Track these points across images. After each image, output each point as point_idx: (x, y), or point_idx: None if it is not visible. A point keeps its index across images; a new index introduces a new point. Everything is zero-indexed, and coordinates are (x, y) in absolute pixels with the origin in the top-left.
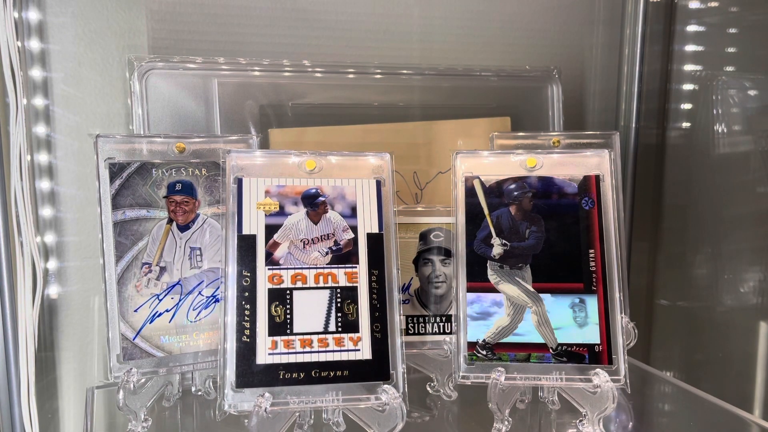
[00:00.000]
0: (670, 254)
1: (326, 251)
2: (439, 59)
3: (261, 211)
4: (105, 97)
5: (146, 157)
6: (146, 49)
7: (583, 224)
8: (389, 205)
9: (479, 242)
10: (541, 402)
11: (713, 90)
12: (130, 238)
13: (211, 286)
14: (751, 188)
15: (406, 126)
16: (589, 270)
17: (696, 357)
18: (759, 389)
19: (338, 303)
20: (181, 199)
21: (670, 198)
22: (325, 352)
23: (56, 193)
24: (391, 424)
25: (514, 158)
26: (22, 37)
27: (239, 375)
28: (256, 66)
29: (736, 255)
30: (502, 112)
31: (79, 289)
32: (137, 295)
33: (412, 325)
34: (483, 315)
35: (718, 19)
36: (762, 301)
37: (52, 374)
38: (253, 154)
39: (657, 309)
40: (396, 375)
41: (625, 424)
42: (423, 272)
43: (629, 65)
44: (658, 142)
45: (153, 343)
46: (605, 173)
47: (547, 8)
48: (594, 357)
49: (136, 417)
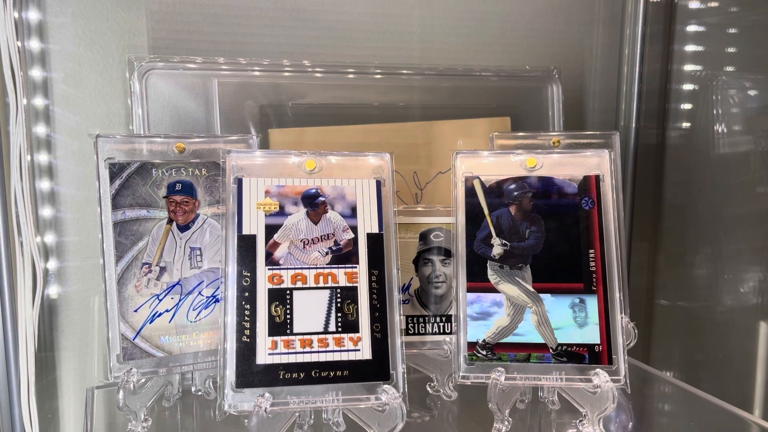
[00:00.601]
0: (670, 254)
1: (326, 251)
2: (439, 59)
3: (261, 211)
4: (105, 97)
5: (146, 157)
6: (146, 49)
7: (583, 224)
8: (389, 205)
9: (479, 242)
10: (541, 402)
11: (713, 90)
12: (130, 238)
13: (211, 286)
14: (751, 188)
15: (406, 126)
16: (589, 270)
17: (696, 357)
18: (759, 389)
19: (338, 303)
20: (181, 199)
21: (670, 198)
22: (325, 352)
23: (56, 193)
24: (391, 424)
25: (514, 158)
26: (22, 37)
27: (239, 375)
28: (256, 66)
29: (736, 255)
30: (502, 112)
31: (79, 289)
32: (137, 295)
33: (412, 325)
34: (483, 315)
35: (718, 19)
36: (762, 301)
37: (52, 374)
38: (253, 154)
39: (657, 309)
40: (396, 375)
41: (625, 424)
42: (423, 272)
43: (629, 65)
44: (658, 142)
45: (153, 343)
46: (605, 173)
47: (547, 8)
48: (594, 357)
49: (136, 417)
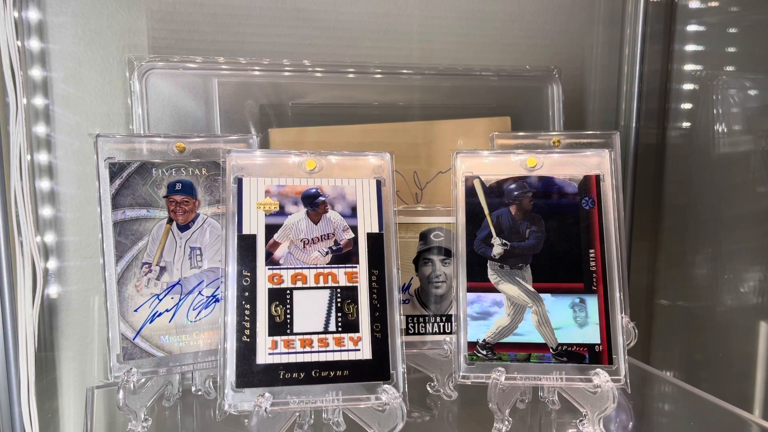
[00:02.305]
0: (670, 254)
1: (326, 251)
2: (439, 59)
3: (261, 211)
4: (105, 97)
5: (146, 156)
6: (146, 48)
7: (584, 224)
8: (389, 204)
9: (479, 242)
10: (541, 402)
11: (713, 90)
12: (130, 238)
13: (211, 286)
14: (751, 188)
15: (406, 126)
16: (590, 270)
17: (696, 357)
18: (759, 389)
19: (338, 303)
20: (181, 199)
21: (670, 198)
22: (325, 351)
23: (56, 192)
24: (391, 424)
25: (515, 158)
26: (22, 36)
27: (239, 375)
28: (256, 66)
29: (736, 255)
30: (502, 112)
31: (79, 289)
32: (137, 295)
33: (412, 325)
34: (483, 315)
35: (718, 19)
36: (762, 301)
37: (52, 374)
38: (253, 154)
39: (657, 309)
40: (396, 375)
41: (625, 424)
42: (423, 272)
43: (629, 65)
44: (658, 142)
45: (153, 342)
46: (605, 173)
47: (547, 8)
48: (594, 357)
49: (136, 417)
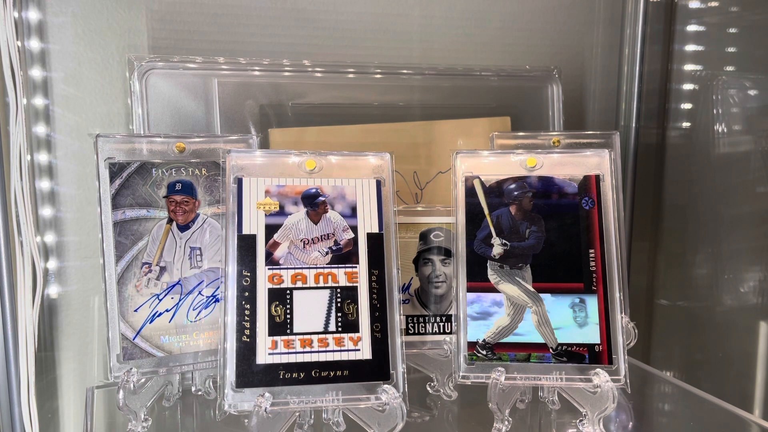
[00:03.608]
0: (670, 254)
1: (326, 251)
2: (439, 59)
3: (261, 211)
4: (105, 97)
5: (146, 156)
6: (146, 48)
7: (583, 224)
8: (389, 205)
9: (479, 242)
10: (541, 402)
11: (713, 90)
12: (130, 238)
13: (211, 286)
14: (751, 188)
15: (406, 126)
16: (589, 270)
17: (696, 357)
18: (759, 389)
19: (338, 303)
20: (181, 199)
21: (670, 198)
22: (325, 351)
23: (56, 192)
24: (391, 424)
25: (514, 158)
26: (22, 36)
27: (239, 375)
28: (256, 66)
29: (736, 255)
30: (502, 112)
31: (79, 289)
32: (137, 295)
33: (412, 325)
34: (483, 315)
35: (718, 19)
36: (762, 301)
37: (52, 374)
38: (253, 154)
39: (657, 309)
40: (396, 375)
41: (625, 424)
42: (423, 272)
43: (629, 65)
44: (658, 142)
45: (153, 342)
46: (605, 173)
47: (547, 8)
48: (594, 357)
49: (136, 417)
